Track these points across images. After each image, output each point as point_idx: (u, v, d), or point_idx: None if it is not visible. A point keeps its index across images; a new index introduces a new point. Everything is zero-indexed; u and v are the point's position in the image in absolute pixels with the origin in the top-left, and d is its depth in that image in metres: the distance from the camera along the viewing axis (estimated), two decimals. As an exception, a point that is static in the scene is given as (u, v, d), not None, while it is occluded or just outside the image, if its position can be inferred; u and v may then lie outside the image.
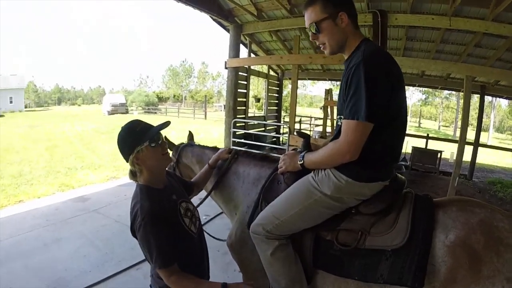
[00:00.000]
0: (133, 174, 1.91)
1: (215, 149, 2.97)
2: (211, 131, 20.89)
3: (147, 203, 1.78)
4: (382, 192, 1.95)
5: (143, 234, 1.72)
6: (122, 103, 41.66)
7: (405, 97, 1.95)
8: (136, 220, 1.75)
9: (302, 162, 2.00)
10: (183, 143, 3.21)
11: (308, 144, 2.18)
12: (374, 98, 1.67)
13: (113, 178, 8.89)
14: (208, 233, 2.43)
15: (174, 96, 69.82)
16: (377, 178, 1.90)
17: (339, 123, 1.90)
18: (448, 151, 13.28)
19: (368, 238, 1.91)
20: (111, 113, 37.71)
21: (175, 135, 12.31)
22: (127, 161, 1.87)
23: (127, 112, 40.45)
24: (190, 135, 3.36)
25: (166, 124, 1.94)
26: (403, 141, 2.02)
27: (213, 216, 5.71)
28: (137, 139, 1.82)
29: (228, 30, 9.61)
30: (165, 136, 2.91)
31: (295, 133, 2.59)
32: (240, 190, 2.55)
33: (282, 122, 14.05)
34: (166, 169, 2.13)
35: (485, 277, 1.65)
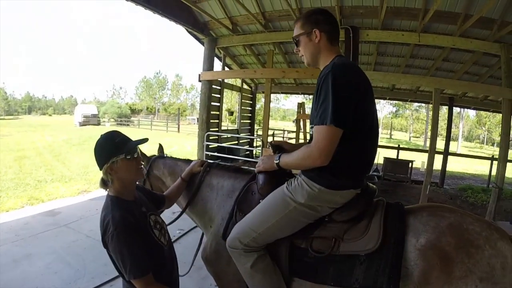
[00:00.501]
0: (104, 183, 1.90)
1: (187, 161, 2.95)
2: (185, 144, 20.57)
3: (118, 213, 1.78)
4: (354, 200, 2.01)
5: (115, 245, 1.71)
6: (94, 114, 40.69)
7: (375, 109, 2.07)
8: (108, 231, 1.73)
9: (278, 161, 2.06)
10: (154, 155, 3.15)
11: (283, 151, 2.23)
12: (341, 105, 1.76)
13: (84, 191, 8.64)
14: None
15: (147, 108, 68.58)
16: (348, 186, 1.96)
17: (311, 133, 1.98)
18: (419, 160, 13.64)
19: (342, 244, 1.96)
20: (83, 124, 36.79)
21: (148, 148, 12.11)
22: (100, 169, 1.88)
23: (99, 124, 39.61)
24: (160, 148, 3.30)
25: (145, 140, 2.00)
26: (375, 151, 2.12)
27: (187, 230, 5.63)
28: (114, 150, 1.85)
29: (203, 43, 9.58)
30: (159, 144, 2.93)
31: (268, 146, 2.61)
32: (214, 202, 2.53)
33: (255, 135, 14.05)
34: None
35: (458, 277, 1.71)
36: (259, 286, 2.07)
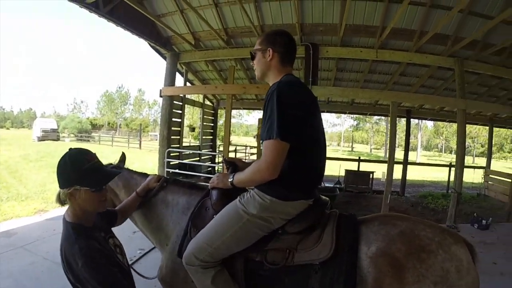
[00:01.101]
0: (60, 201, 1.74)
1: (144, 175, 2.80)
2: (146, 160, 20.03)
3: (84, 242, 1.67)
4: (306, 211, 2.03)
5: (88, 276, 1.59)
6: (54, 129, 38.46)
7: (321, 123, 2.18)
8: (77, 265, 1.61)
9: (232, 180, 2.08)
10: (111, 164, 2.88)
11: (236, 168, 2.27)
12: (286, 120, 1.83)
13: (41, 211, 8.20)
14: (136, 271, 2.31)
15: (109, 123, 66.73)
16: (299, 197, 2.00)
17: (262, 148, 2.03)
18: (380, 171, 13.97)
19: (296, 254, 1.97)
20: (41, 139, 34.58)
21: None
22: (60, 188, 1.73)
23: (58, 139, 37.37)
24: (123, 156, 2.95)
25: (118, 173, 1.94)
26: (323, 163, 2.19)
27: (148, 250, 5.40)
28: (79, 178, 1.71)
29: (165, 58, 9.45)
30: (122, 152, 2.75)
31: (221, 161, 2.62)
32: (170, 219, 2.46)
33: (217, 151, 13.92)
34: None
35: (411, 283, 1.75)
36: None
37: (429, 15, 6.61)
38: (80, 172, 1.72)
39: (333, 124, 66.77)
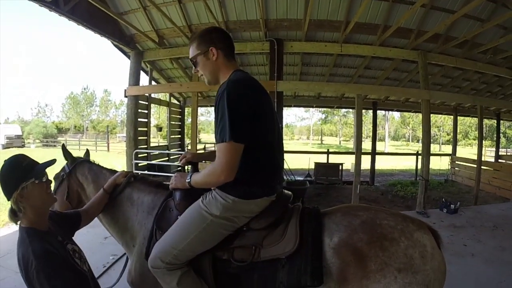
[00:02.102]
0: (14, 214, 1.74)
1: (113, 171, 2.74)
2: (114, 163, 19.32)
3: (38, 245, 1.64)
4: (269, 207, 2.05)
5: (43, 280, 1.55)
6: (18, 135, 37.10)
7: (275, 118, 2.15)
8: (31, 267, 1.57)
9: (189, 180, 2.05)
10: (80, 157, 2.89)
11: (196, 168, 2.31)
12: (238, 121, 1.81)
13: (10, 223, 7.82)
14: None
15: (75, 126, 64.49)
16: (262, 194, 2.00)
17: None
18: (349, 162, 14.12)
19: (262, 250, 1.98)
20: (6, 146, 33.28)
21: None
22: (8, 199, 1.72)
23: (23, 146, 36.32)
24: (87, 153, 3.03)
25: (53, 161, 1.86)
26: (281, 158, 2.23)
27: (120, 256, 5.19)
28: (22, 175, 1.72)
29: (129, 57, 9.28)
30: (62, 144, 2.71)
31: (179, 163, 2.57)
32: (135, 219, 2.40)
33: (186, 150, 13.77)
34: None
35: (374, 271, 1.77)
36: None
37: (392, 9, 6.73)
38: (20, 169, 1.74)
39: (302, 118, 67.53)
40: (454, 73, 10.09)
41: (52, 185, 2.05)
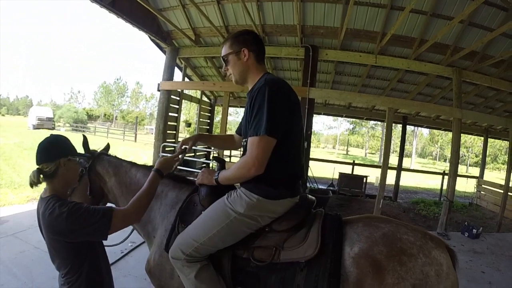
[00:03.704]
0: (38, 176, 1.82)
1: (133, 164, 2.81)
2: (140, 154, 19.83)
3: (64, 201, 1.79)
4: (292, 210, 2.08)
5: (77, 217, 1.70)
6: (49, 118, 38.28)
7: (302, 123, 2.21)
8: (62, 216, 1.70)
9: (217, 177, 2.10)
10: (95, 151, 2.91)
11: (223, 166, 2.30)
12: (275, 116, 1.87)
13: (34, 199, 8.05)
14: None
15: (105, 115, 65.88)
16: (286, 195, 2.04)
17: (244, 144, 2.11)
18: (374, 176, 14.01)
19: (282, 252, 2.00)
20: (37, 127, 34.48)
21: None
22: (47, 162, 1.84)
23: (53, 128, 37.14)
24: (107, 147, 3.07)
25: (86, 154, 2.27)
26: (303, 161, 2.24)
27: (139, 243, 5.37)
28: (73, 150, 1.96)
29: (164, 52, 9.43)
30: (83, 136, 2.77)
31: (211, 158, 2.61)
32: (158, 212, 2.47)
33: (212, 148, 13.89)
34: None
35: (391, 284, 1.78)
36: None
37: (430, 23, 6.64)
38: (71, 145, 1.98)
39: (330, 126, 66.60)
40: (488, 93, 9.86)
41: None
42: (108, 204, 2.52)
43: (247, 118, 2.01)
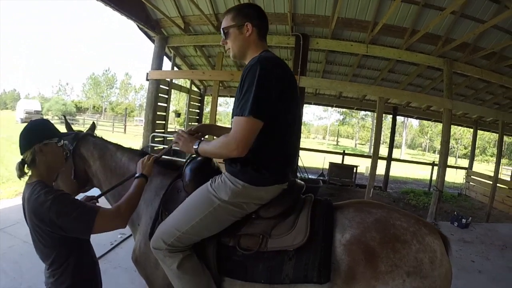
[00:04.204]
0: (22, 166, 1.85)
1: (118, 145, 2.73)
2: (130, 145, 19.53)
3: (51, 188, 1.77)
4: (280, 196, 2.00)
5: (60, 208, 1.66)
6: (38, 111, 38.17)
7: (298, 107, 2.07)
8: (45, 204, 1.66)
9: (197, 147, 2.00)
10: (81, 131, 2.81)
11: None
12: (263, 97, 1.75)
13: (21, 193, 8.02)
14: None
15: (94, 107, 64.90)
16: (273, 181, 1.95)
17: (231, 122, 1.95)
18: (364, 166, 14.07)
19: (270, 240, 1.93)
20: (25, 120, 33.73)
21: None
22: (24, 151, 1.84)
23: None
24: (92, 126, 2.95)
25: (73, 134, 2.31)
26: (297, 147, 2.13)
27: (129, 235, 5.30)
28: (50, 133, 1.90)
29: (153, 41, 9.31)
30: (64, 116, 2.85)
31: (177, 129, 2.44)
32: (142, 198, 2.24)
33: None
34: None
35: (384, 272, 1.74)
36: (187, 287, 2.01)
37: (422, 14, 6.60)
38: (48, 129, 1.93)
39: (320, 117, 66.77)
40: (479, 85, 9.89)
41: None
42: (92, 193, 2.44)
43: (237, 95, 1.89)
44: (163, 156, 2.41)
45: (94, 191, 2.56)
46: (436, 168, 8.74)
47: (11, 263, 4.33)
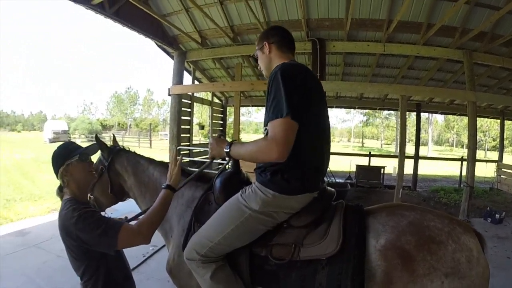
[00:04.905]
0: (60, 189, 2.06)
1: (150, 160, 2.78)
2: (157, 159, 19.72)
3: (78, 205, 1.87)
4: (311, 204, 1.98)
5: (84, 225, 1.76)
6: (65, 130, 39.34)
7: (326, 111, 2.11)
8: (71, 220, 1.78)
9: (228, 150, 1.98)
10: (114, 146, 2.91)
11: (237, 163, 2.29)
12: (293, 98, 1.73)
13: (54, 210, 8.21)
14: None
15: (119, 124, 66.15)
16: (303, 190, 1.93)
17: (265, 133, 1.88)
18: (391, 166, 13.85)
19: (302, 249, 1.90)
20: (53, 140, 35.17)
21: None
22: (57, 176, 2.01)
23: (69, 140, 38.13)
24: (114, 140, 3.09)
25: (93, 145, 2.30)
26: (327, 154, 2.10)
27: (161, 247, 5.41)
28: (68, 153, 2.01)
29: (172, 57, 9.51)
30: (96, 135, 2.79)
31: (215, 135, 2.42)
32: (174, 211, 2.41)
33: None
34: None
35: (421, 275, 1.69)
36: None
37: (436, 6, 6.54)
38: (67, 150, 2.05)
39: (343, 120, 65.80)
40: (501, 73, 9.64)
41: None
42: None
43: (266, 105, 1.84)
44: (190, 169, 2.47)
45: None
46: (465, 163, 8.52)
47: (46, 278, 4.46)
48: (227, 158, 2.09)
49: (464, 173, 8.99)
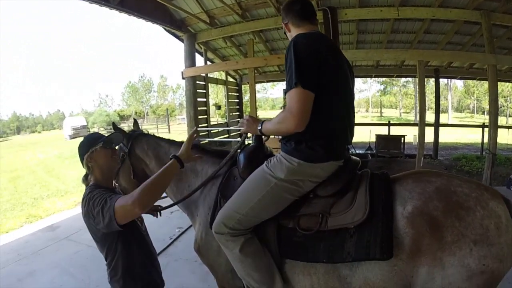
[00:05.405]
0: (85, 177, 2.17)
1: (171, 141, 2.79)
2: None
3: (94, 189, 1.98)
4: (336, 173, 1.99)
5: (89, 206, 1.86)
6: (83, 125, 40.48)
7: (346, 77, 2.06)
8: (83, 202, 1.95)
9: (260, 128, 2.10)
10: (134, 131, 2.94)
11: (261, 140, 2.34)
12: (304, 67, 1.79)
13: (80, 203, 8.43)
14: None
15: (136, 113, 66.75)
16: (328, 158, 1.94)
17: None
18: (411, 135, 13.69)
19: (329, 219, 1.92)
20: (73, 136, 36.40)
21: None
22: (83, 164, 2.14)
23: None
24: (136, 124, 3.10)
25: (115, 133, 2.37)
26: (350, 120, 2.11)
27: (186, 228, 5.54)
28: (92, 142, 2.14)
29: (182, 40, 9.48)
30: (113, 123, 2.88)
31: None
32: (199, 190, 2.45)
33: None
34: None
35: (450, 242, 1.66)
36: (249, 270, 2.02)
37: (451, -35, 6.25)
38: (92, 139, 2.18)
39: (360, 90, 64.90)
40: (522, 34, 9.27)
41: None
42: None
43: (286, 77, 1.92)
44: (212, 147, 2.50)
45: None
46: (486, 130, 8.30)
47: (79, 267, 4.64)
48: (254, 136, 2.26)
49: (486, 140, 8.78)
